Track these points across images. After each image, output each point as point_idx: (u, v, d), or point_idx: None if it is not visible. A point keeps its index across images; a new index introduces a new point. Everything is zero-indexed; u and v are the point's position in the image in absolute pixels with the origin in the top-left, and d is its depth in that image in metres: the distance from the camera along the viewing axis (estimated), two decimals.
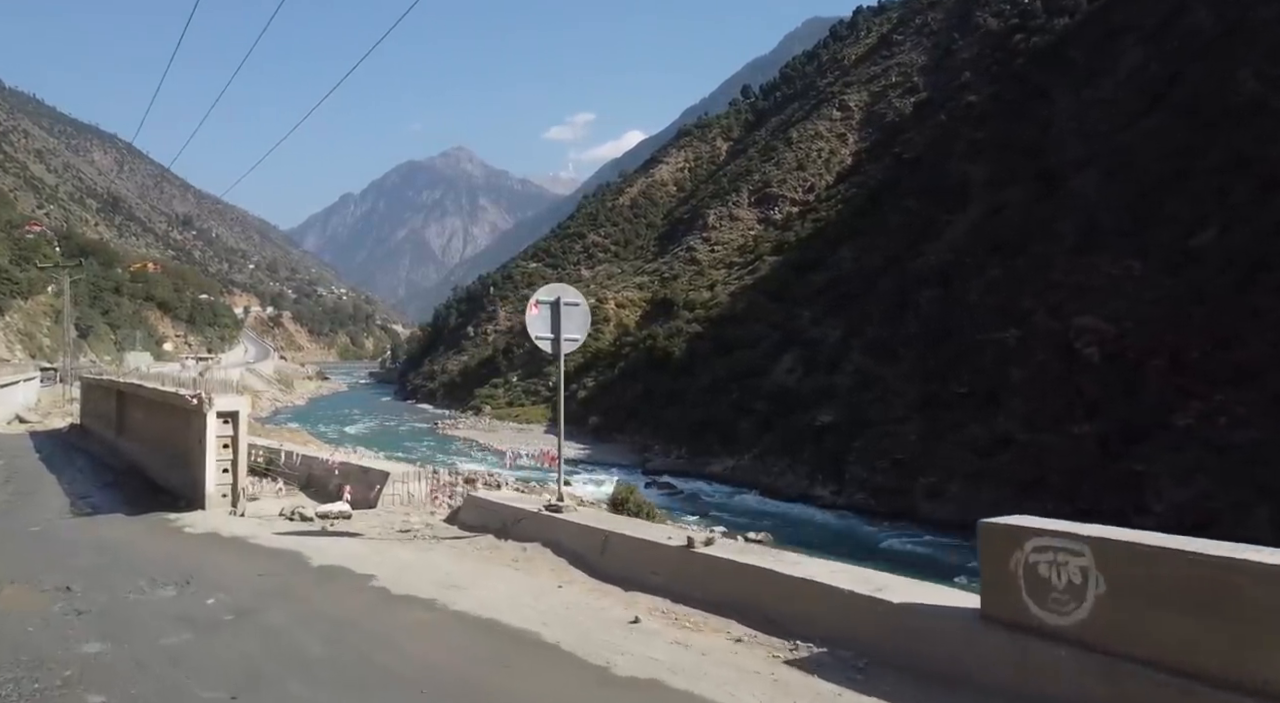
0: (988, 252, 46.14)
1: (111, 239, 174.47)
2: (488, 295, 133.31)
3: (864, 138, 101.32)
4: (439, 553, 8.52)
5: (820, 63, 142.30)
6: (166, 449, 15.53)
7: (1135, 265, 38.16)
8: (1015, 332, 41.23)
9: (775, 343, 58.59)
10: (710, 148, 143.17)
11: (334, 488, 13.11)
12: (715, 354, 62.94)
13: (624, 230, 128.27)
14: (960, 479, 38.04)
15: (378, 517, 11.21)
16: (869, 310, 52.90)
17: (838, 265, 63.47)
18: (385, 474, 12.79)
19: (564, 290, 9.29)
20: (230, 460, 12.67)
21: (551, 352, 9.18)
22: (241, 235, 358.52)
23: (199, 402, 12.37)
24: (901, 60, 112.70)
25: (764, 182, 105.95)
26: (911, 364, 45.97)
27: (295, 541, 9.57)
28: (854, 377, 49.25)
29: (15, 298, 71.85)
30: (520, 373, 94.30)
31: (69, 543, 10.08)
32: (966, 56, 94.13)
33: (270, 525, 10.91)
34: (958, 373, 42.53)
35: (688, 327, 72.57)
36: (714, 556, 6.37)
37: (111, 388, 23.09)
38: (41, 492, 14.92)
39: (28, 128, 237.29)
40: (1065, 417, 36.47)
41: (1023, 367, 39.80)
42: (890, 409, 44.44)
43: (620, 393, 70.93)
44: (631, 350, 77.84)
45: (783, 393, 52.87)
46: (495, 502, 10.06)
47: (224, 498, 12.46)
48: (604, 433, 66.44)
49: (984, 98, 64.15)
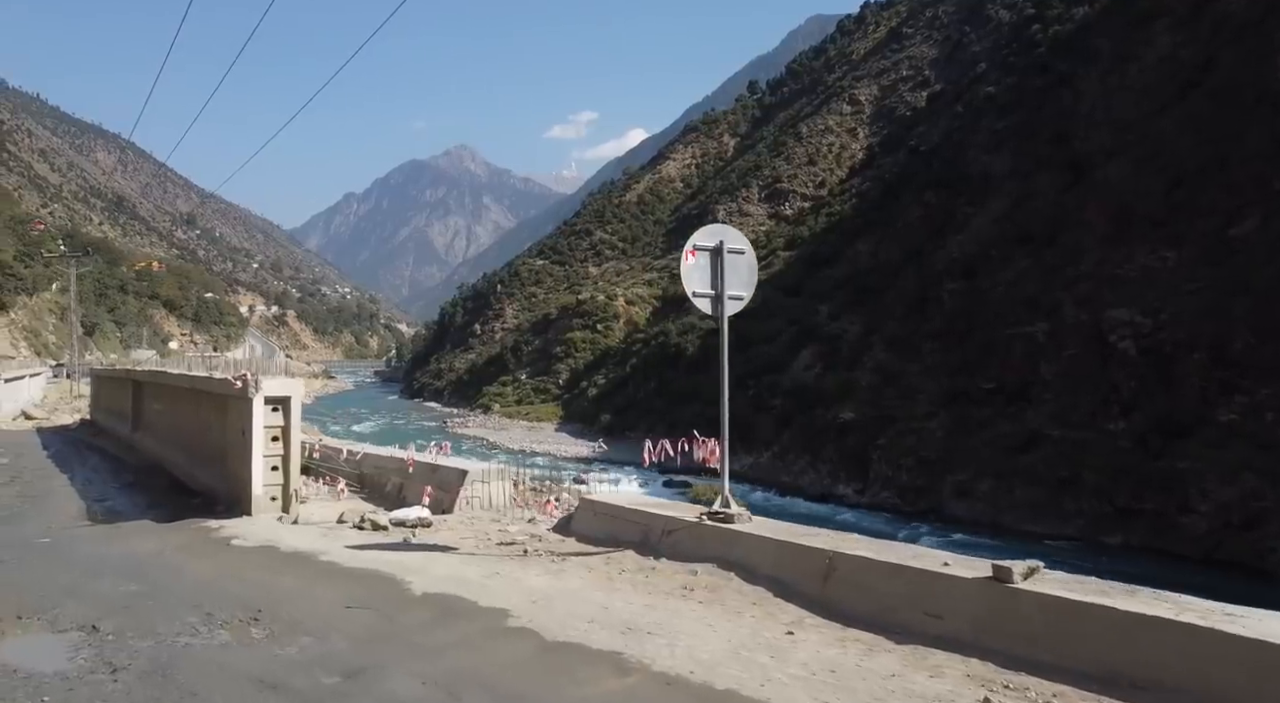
0: (1013, 243, 45.06)
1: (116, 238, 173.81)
2: (494, 293, 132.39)
3: (875, 132, 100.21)
4: (576, 577, 6.86)
5: (828, 58, 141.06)
6: (196, 444, 13.96)
7: (1170, 256, 37.06)
8: (1044, 325, 40.14)
9: (792, 339, 57.53)
10: (717, 144, 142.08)
11: (391, 489, 11.62)
12: (730, 350, 61.68)
13: (631, 227, 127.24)
14: (990, 478, 36.95)
15: (464, 525, 9.59)
16: (889, 305, 51.81)
17: (854, 260, 62.41)
18: (462, 473, 10.89)
19: (726, 233, 7.57)
20: (281, 457, 10.73)
21: (712, 312, 7.46)
22: (245, 234, 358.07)
23: (244, 385, 10.38)
24: (912, 54, 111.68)
25: (774, 177, 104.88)
26: (935, 359, 44.90)
27: (376, 557, 7.92)
28: (875, 373, 48.17)
29: (20, 295, 71.06)
30: (529, 371, 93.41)
31: (90, 560, 8.25)
32: (979, 49, 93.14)
33: (336, 536, 9.17)
34: (985, 368, 41.45)
35: (701, 322, 71.40)
36: (1052, 595, 4.37)
37: (126, 379, 21.75)
38: (52, 494, 13.20)
39: (31, 127, 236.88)
40: (1100, 413, 35.39)
41: (1053, 361, 38.74)
42: (914, 405, 43.36)
43: (633, 390, 69.95)
44: (643, 347, 76.85)
45: (801, 389, 51.81)
46: (626, 507, 8.39)
47: (273, 502, 10.64)
48: (617, 431, 65.40)
49: (1003, 89, 63.01)
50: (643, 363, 73.59)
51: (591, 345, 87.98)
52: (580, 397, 78.91)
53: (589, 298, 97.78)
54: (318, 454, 12.86)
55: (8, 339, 63.46)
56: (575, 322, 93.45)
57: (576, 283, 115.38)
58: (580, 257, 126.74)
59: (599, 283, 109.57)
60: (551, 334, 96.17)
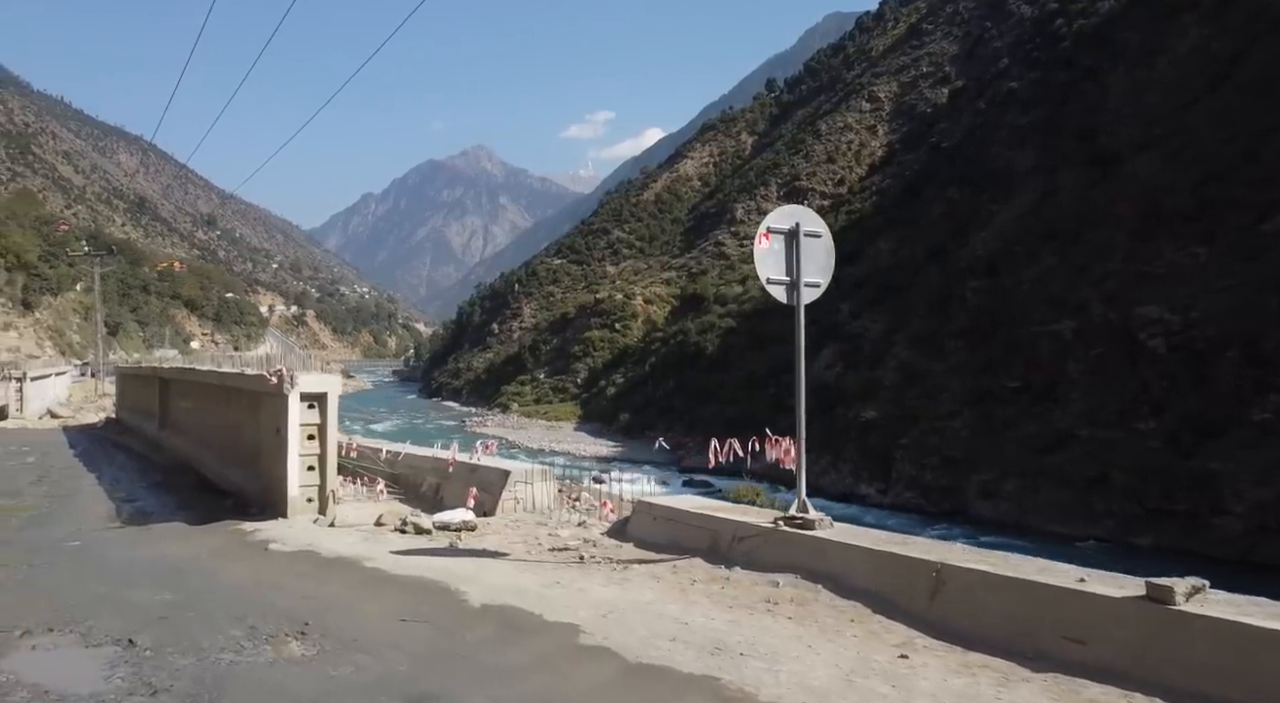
0: (1039, 240, 44.43)
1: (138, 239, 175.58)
2: (512, 292, 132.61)
3: (895, 129, 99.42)
4: (644, 588, 6.32)
5: (847, 55, 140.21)
6: (226, 443, 13.50)
7: (1201, 252, 36.38)
8: (1071, 323, 39.55)
9: (814, 337, 56.85)
10: (735, 142, 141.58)
11: (427, 489, 11.19)
12: (750, 349, 61.51)
13: (649, 226, 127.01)
14: (1016, 478, 36.44)
15: (510, 529, 9.17)
16: (912, 303, 51.27)
17: (875, 258, 61.83)
18: (505, 474, 10.37)
19: (802, 215, 7.10)
20: (317, 456, 10.22)
21: (787, 300, 7.02)
22: (265, 235, 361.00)
23: (279, 381, 9.90)
24: (932, 50, 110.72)
25: (793, 175, 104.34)
26: (960, 358, 44.37)
27: (424, 563, 7.42)
28: (898, 371, 47.71)
29: (45, 294, 71.81)
30: (547, 370, 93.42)
31: (122, 565, 7.81)
32: (1000, 44, 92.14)
33: (378, 540, 8.70)
34: (1010, 367, 40.91)
35: (720, 321, 71.22)
36: (1228, 621, 3.81)
37: (153, 376, 21.48)
38: (80, 494, 12.84)
39: (55, 130, 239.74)
40: (1129, 412, 34.79)
41: (1081, 360, 38.15)
42: (939, 405, 42.87)
43: (651, 389, 69.73)
44: (661, 346, 76.62)
45: (822, 388, 51.23)
46: (690, 511, 7.78)
47: (309, 503, 10.16)
48: (635, 430, 65.19)
49: (1026, 84, 62.24)
50: (661, 362, 73.36)
51: (610, 345, 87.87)
52: (599, 396, 78.79)
53: (607, 297, 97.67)
54: (354, 453, 12.39)
55: (33, 338, 64.13)
56: (593, 321, 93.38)
57: (594, 282, 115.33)
58: (598, 256, 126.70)
59: (617, 282, 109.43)
60: (569, 333, 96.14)
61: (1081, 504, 32.89)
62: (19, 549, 8.62)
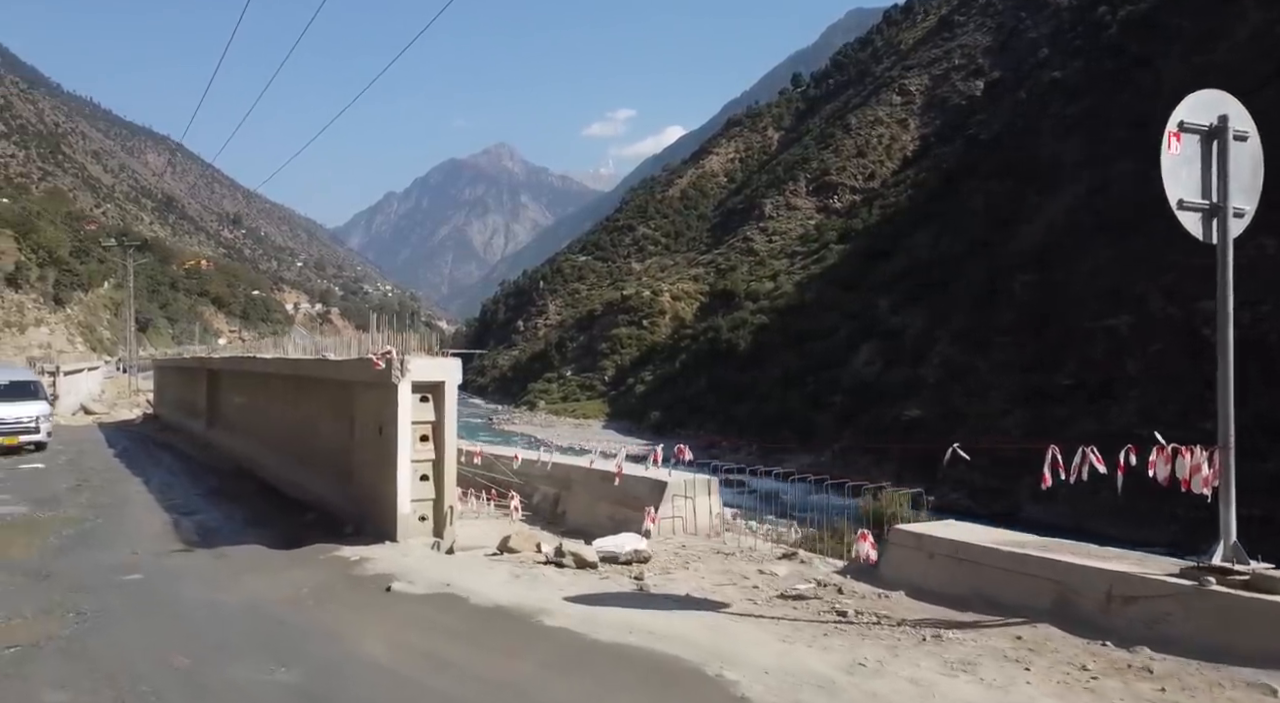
0: (1091, 233, 42.89)
1: (166, 237, 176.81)
2: (537, 289, 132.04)
3: (928, 122, 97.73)
4: (1008, 678, 4.51)
5: (875, 49, 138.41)
6: (298, 444, 11.65)
7: (1269, 243, 34.75)
8: (1128, 318, 38.06)
9: (851, 333, 55.80)
10: (761, 138, 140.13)
11: (542, 501, 9.53)
12: (785, 346, 60.30)
13: (674, 222, 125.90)
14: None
15: (700, 563, 7.33)
16: (954, 298, 49.85)
17: (913, 252, 60.43)
18: (659, 486, 8.48)
19: (1226, 104, 5.29)
20: (431, 462, 8.27)
21: (1202, 235, 5.40)
22: (289, 234, 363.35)
23: (388, 366, 7.96)
24: (964, 42, 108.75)
25: (822, 169, 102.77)
26: (1008, 355, 42.94)
27: (623, 619, 5.55)
28: (942, 368, 46.33)
29: (75, 291, 71.95)
30: (574, 367, 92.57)
31: (203, 616, 5.99)
32: (1037, 35, 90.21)
33: (533, 578, 6.85)
34: (1063, 364, 39.46)
35: (753, 318, 70.00)
36: None
37: (199, 369, 20.08)
38: (128, 503, 11.19)
39: (85, 130, 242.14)
40: (1194, 411, 33.14)
41: (1139, 356, 36.69)
42: (986, 403, 41.50)
43: (682, 387, 68.63)
44: (691, 343, 75.52)
45: (862, 386, 50.13)
46: (1001, 550, 5.79)
47: (421, 523, 8.22)
48: (667, 429, 64.12)
49: (1071, 73, 60.55)
50: (692, 359, 72.29)
51: (637, 341, 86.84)
52: (627, 394, 77.82)
53: (634, 294, 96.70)
54: (478, 459, 10.46)
55: (64, 334, 64.17)
56: (620, 318, 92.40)
57: (620, 279, 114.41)
58: (623, 252, 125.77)
59: (643, 279, 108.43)
60: (596, 330, 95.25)
61: (1144, 508, 31.47)
62: (62, 586, 6.77)
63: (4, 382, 19.41)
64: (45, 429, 18.75)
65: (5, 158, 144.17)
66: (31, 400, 19.03)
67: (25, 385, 19.76)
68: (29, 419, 18.27)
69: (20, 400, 18.71)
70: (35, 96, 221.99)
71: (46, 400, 19.89)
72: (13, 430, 17.97)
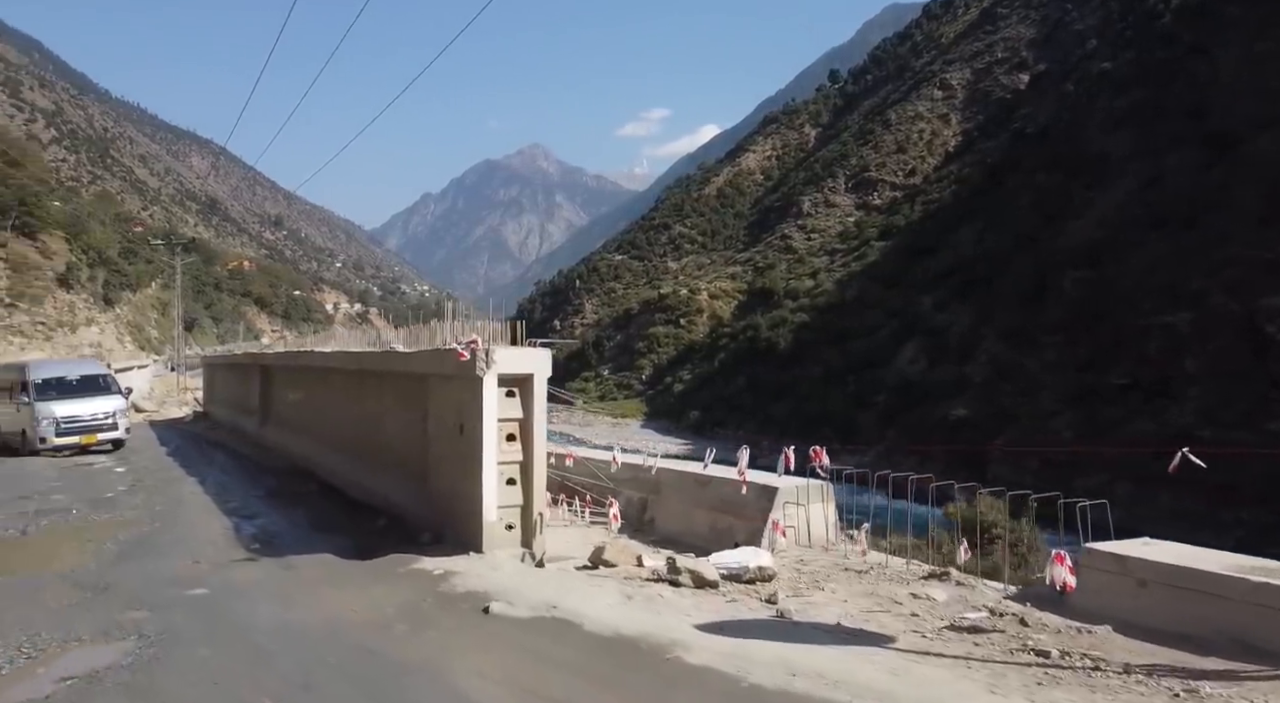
0: (1146, 227, 41.68)
1: (210, 238, 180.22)
2: (573, 289, 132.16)
3: (970, 116, 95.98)
4: None
5: (914, 43, 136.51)
6: (363, 443, 10.96)
7: None
8: (1186, 315, 36.87)
9: (894, 331, 54.91)
10: (798, 135, 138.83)
11: (623, 507, 8.77)
12: (826, 344, 59.54)
13: (711, 221, 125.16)
14: (1128, 482, 33.89)
15: (832, 583, 6.66)
16: (1001, 295, 48.80)
17: (957, 248, 59.34)
18: (770, 493, 7.66)
19: None
20: (519, 464, 7.49)
21: None
22: (329, 235, 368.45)
23: (472, 356, 7.16)
24: (1007, 35, 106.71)
25: (861, 166, 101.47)
26: (1058, 353, 41.88)
27: (776, 655, 4.83)
28: (989, 367, 45.36)
29: (124, 291, 73.44)
30: (611, 366, 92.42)
31: (281, 642, 5.31)
32: (1083, 27, 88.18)
33: (648, 599, 6.05)
34: (1117, 362, 38.36)
35: (792, 316, 69.25)
36: None
37: (252, 365, 19.46)
38: (184, 505, 10.65)
39: (132, 135, 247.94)
40: (1258, 411, 32.12)
41: (1199, 355, 35.50)
42: (1036, 402, 40.50)
43: (721, 386, 68.09)
44: (730, 342, 74.95)
45: (906, 385, 49.27)
46: (1250, 581, 4.85)
47: (508, 532, 7.41)
48: (705, 428, 63.67)
49: (1120, 64, 59.00)
50: (730, 358, 71.72)
51: (675, 340, 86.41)
52: (665, 393, 77.45)
53: (671, 292, 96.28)
54: (570, 461, 9.64)
55: (114, 333, 65.50)
56: (657, 316, 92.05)
57: (656, 278, 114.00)
58: (659, 251, 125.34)
59: (679, 277, 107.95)
60: (633, 329, 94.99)
61: (1206, 512, 30.40)
62: (121, 600, 6.21)
63: (75, 377, 18.13)
64: (123, 425, 17.67)
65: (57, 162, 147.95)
66: (105, 395, 17.76)
67: (97, 379, 18.35)
68: (105, 415, 17.15)
69: (94, 396, 17.48)
70: (85, 102, 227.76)
71: (121, 394, 18.60)
72: (89, 428, 16.84)
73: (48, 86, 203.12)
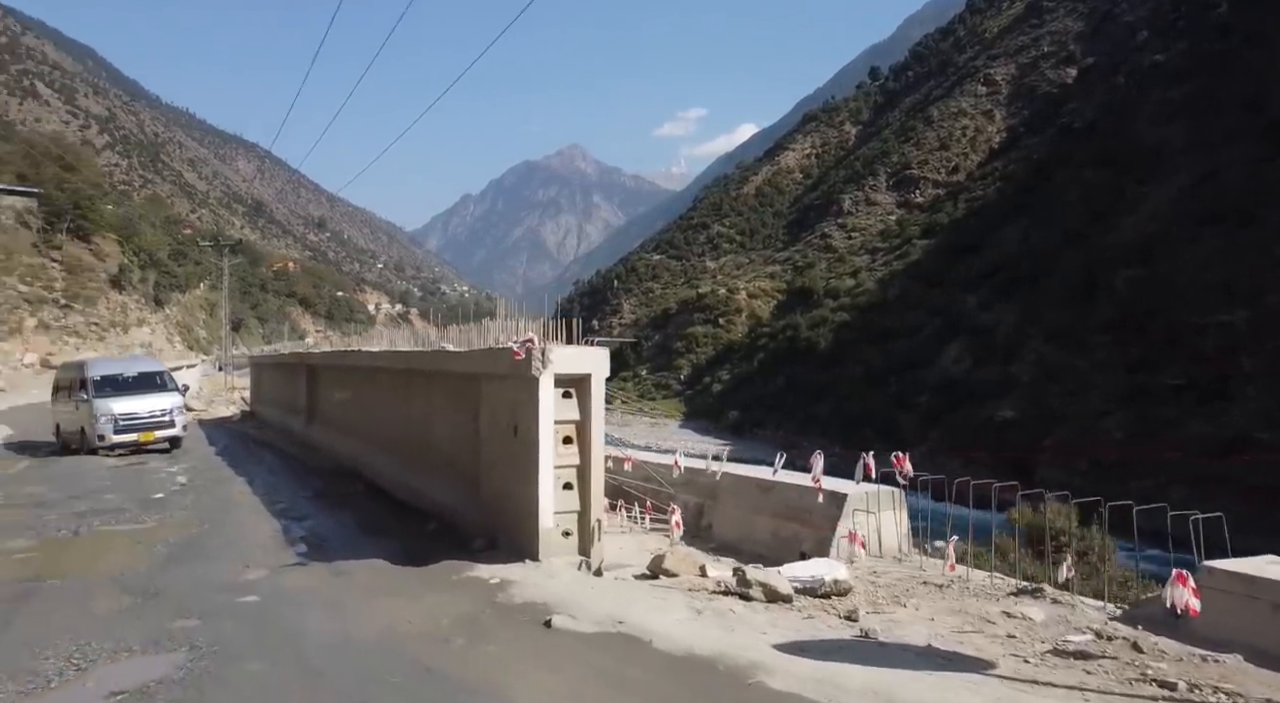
0: (1200, 223, 40.51)
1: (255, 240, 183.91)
2: (611, 289, 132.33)
3: (1015, 112, 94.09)
4: None
5: (957, 38, 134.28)
6: (410, 444, 10.86)
7: None
8: (1244, 313, 35.73)
9: (937, 331, 54.02)
10: (838, 133, 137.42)
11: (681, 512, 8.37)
12: (867, 344, 58.81)
13: (749, 220, 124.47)
14: (1183, 485, 32.85)
15: (915, 598, 6.26)
16: (1048, 293, 47.75)
17: (1002, 246, 58.20)
18: (839, 499, 7.37)
19: None
20: (576, 468, 7.27)
21: None
22: (370, 237, 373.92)
23: (528, 355, 6.98)
24: (1054, 29, 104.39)
25: (903, 163, 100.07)
26: (1108, 352, 40.85)
27: (867, 683, 4.47)
28: (1036, 366, 44.40)
29: (174, 292, 75.22)
30: (650, 366, 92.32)
31: (336, 655, 5.13)
32: (1133, 18, 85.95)
33: (718, 614, 5.77)
34: (1170, 362, 37.29)
35: (833, 316, 68.53)
36: None
37: (299, 365, 19.45)
38: (233, 507, 10.65)
39: (181, 139, 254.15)
40: None
41: (1257, 353, 34.36)
42: (1085, 403, 39.54)
43: (759, 386, 67.64)
44: (769, 342, 74.41)
45: (950, 385, 48.42)
46: None
47: (565, 539, 7.21)
48: (744, 428, 63.26)
49: (1173, 55, 57.41)
50: (770, 358, 71.23)
51: (713, 340, 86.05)
52: (703, 393, 77.14)
53: (709, 292, 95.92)
54: (629, 465, 9.28)
55: (164, 334, 67.12)
56: (695, 316, 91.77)
57: (694, 277, 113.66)
58: (697, 251, 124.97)
59: (718, 277, 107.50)
60: (671, 329, 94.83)
61: (1268, 516, 29.37)
62: (172, 607, 6.09)
63: (132, 374, 17.85)
64: (180, 423, 17.43)
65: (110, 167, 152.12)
66: (163, 392, 17.56)
67: (154, 376, 18.14)
68: (162, 413, 16.97)
69: (152, 393, 17.28)
70: (137, 108, 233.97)
71: (178, 391, 18.30)
72: (147, 425, 16.68)
73: (101, 93, 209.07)
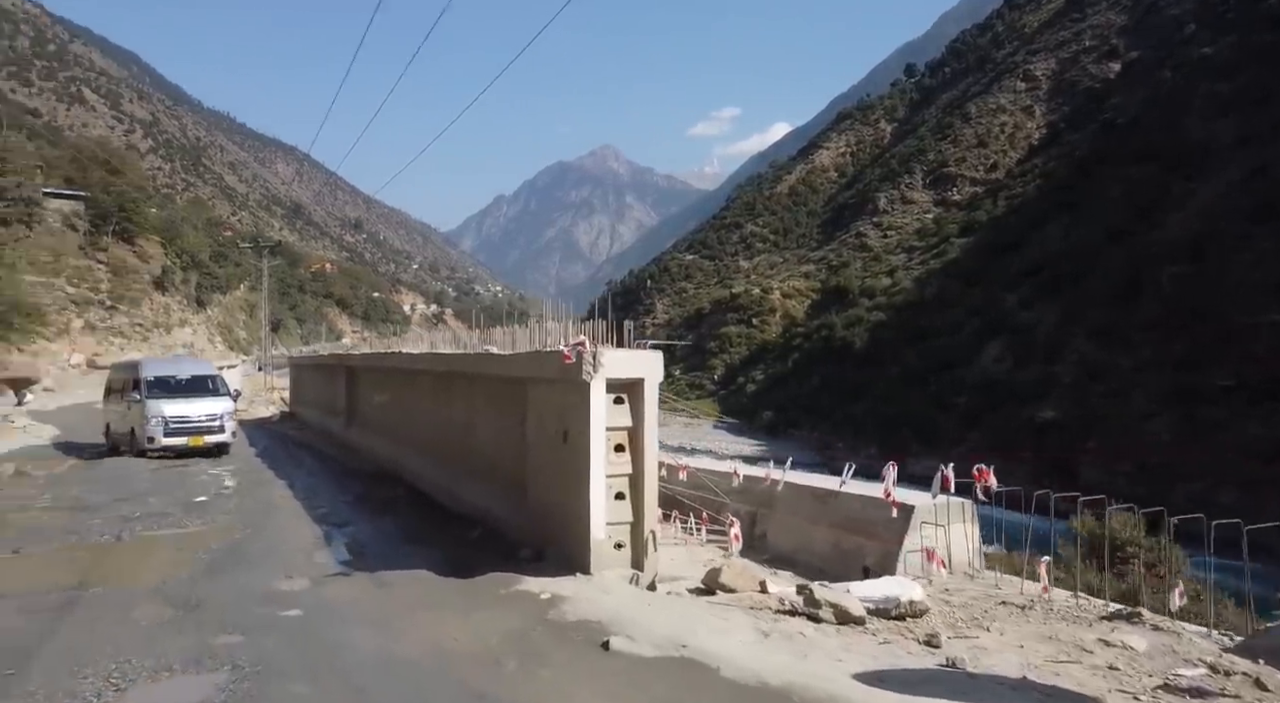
0: (1251, 219, 39.41)
1: (294, 242, 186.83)
2: (644, 289, 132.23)
3: (1055, 108, 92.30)
4: None
5: (995, 34, 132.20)
6: (453, 449, 10.61)
7: None
8: None
9: (976, 330, 53.16)
10: (873, 130, 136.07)
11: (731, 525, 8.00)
12: (904, 343, 58.06)
13: (783, 219, 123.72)
14: (1234, 488, 32.01)
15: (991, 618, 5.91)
16: (1091, 292, 46.75)
17: (1043, 244, 57.11)
18: (906, 511, 7.09)
19: None
20: (628, 477, 6.91)
21: None
22: (405, 238, 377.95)
23: (579, 360, 6.69)
24: (1095, 23, 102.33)
25: (939, 161, 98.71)
26: (1154, 352, 39.89)
27: None
28: (1078, 366, 43.50)
29: (215, 293, 76.58)
30: (683, 366, 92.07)
31: (378, 676, 4.90)
32: (1178, 12, 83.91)
33: (785, 635, 5.44)
34: (1220, 362, 36.29)
35: (869, 315, 67.80)
36: None
37: (338, 366, 19.49)
38: (274, 511, 10.55)
39: (222, 143, 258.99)
40: None
41: None
42: (1130, 404, 38.64)
43: (794, 386, 67.13)
44: (804, 341, 73.82)
45: (989, 385, 47.60)
46: None
47: (617, 551, 6.86)
48: (779, 429, 62.82)
49: (1222, 48, 55.93)
50: (805, 358, 70.66)
51: (747, 340, 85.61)
52: (738, 393, 76.76)
53: (743, 292, 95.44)
54: (683, 475, 8.97)
55: (205, 334, 68.36)
56: (729, 316, 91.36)
57: (727, 277, 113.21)
58: (730, 250, 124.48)
59: (751, 276, 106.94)
60: (704, 329, 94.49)
61: None
62: (213, 621, 5.92)
63: (185, 376, 17.69)
64: (230, 429, 17.18)
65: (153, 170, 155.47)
66: (214, 397, 17.39)
67: (206, 380, 18.00)
68: (212, 417, 16.79)
69: (204, 397, 17.14)
70: (179, 113, 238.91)
71: (229, 396, 18.13)
72: (197, 429, 16.52)
73: (145, 98, 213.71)
